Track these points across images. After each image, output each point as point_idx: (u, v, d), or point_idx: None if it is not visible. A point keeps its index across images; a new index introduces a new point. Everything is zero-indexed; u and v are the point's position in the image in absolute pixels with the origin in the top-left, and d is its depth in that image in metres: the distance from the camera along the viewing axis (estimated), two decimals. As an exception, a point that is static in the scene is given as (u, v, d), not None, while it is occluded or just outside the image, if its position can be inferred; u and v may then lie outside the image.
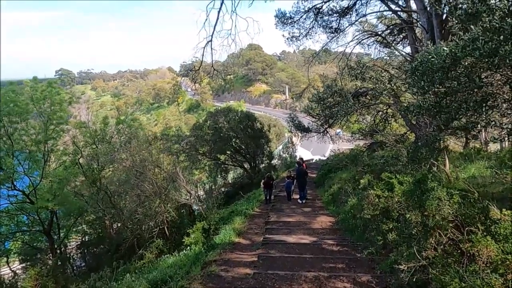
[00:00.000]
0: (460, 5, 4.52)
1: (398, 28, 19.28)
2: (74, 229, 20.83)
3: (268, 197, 15.36)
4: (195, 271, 7.62)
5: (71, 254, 20.11)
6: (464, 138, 15.23)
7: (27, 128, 18.25)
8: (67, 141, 21.96)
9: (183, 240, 11.77)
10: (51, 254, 18.08)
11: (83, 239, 21.57)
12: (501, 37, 3.61)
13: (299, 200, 15.02)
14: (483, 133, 14.83)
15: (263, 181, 15.38)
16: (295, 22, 19.02)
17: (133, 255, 14.54)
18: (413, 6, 16.04)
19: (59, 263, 16.33)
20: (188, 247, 10.88)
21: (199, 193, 16.63)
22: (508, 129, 4.02)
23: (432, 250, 4.67)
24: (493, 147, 15.81)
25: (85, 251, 20.75)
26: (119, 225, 19.11)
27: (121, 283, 9.40)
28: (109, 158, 17.81)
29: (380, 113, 20.07)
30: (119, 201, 17.51)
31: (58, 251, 18.73)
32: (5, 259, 19.35)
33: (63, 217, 20.04)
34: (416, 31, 17.20)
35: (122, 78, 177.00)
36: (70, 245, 21.73)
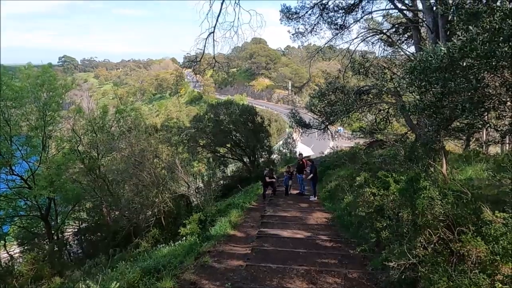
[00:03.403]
0: (463, 5, 4.50)
1: (403, 27, 19.18)
2: (72, 216, 20.96)
3: (265, 193, 15.33)
4: (189, 261, 7.69)
5: (68, 241, 20.27)
6: (465, 140, 15.18)
7: (25, 113, 18.28)
8: (67, 127, 22.01)
9: (179, 230, 11.83)
10: (48, 240, 18.23)
11: (80, 226, 21.71)
12: (501, 38, 3.59)
13: (311, 197, 14.88)
14: (484, 135, 14.80)
15: (266, 171, 15.45)
16: (300, 17, 18.93)
17: (129, 244, 14.67)
18: (419, 5, 15.93)
19: (56, 248, 16.46)
20: (184, 238, 10.94)
21: (198, 184, 16.67)
22: (503, 132, 4.02)
23: (422, 248, 4.70)
24: (494, 149, 15.77)
25: (82, 238, 20.90)
26: (116, 213, 19.24)
27: (116, 270, 9.50)
28: (108, 147, 17.84)
29: (382, 112, 20.05)
30: (117, 190, 17.59)
31: (55, 237, 18.88)
32: (3, 242, 19.51)
33: (61, 203, 20.15)
34: (422, 31, 17.09)
35: (125, 67, 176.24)
36: (67, 232, 21.88)
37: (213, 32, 10.64)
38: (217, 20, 10.37)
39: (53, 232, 18.77)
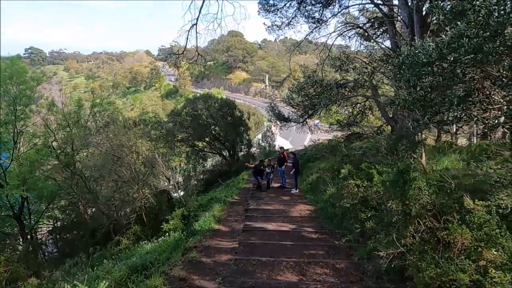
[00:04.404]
0: (443, 3, 4.68)
1: (379, 22, 19.58)
2: (46, 214, 20.18)
3: (258, 183, 15.42)
4: (176, 257, 7.61)
5: (43, 240, 19.54)
6: (436, 132, 15.75)
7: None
8: (38, 122, 21.10)
9: (162, 226, 11.68)
10: (21, 240, 17.52)
11: (55, 224, 20.95)
12: (487, 33, 3.76)
13: (292, 190, 15.01)
14: (454, 127, 15.38)
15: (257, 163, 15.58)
16: (278, 9, 18.96)
17: (109, 241, 14.32)
18: (395, 0, 16.29)
19: (31, 248, 15.85)
20: (167, 234, 10.82)
21: (178, 179, 16.47)
22: (489, 125, 4.22)
23: (411, 237, 4.88)
24: (461, 141, 16.44)
25: (57, 237, 20.19)
26: (93, 210, 18.70)
27: (98, 269, 9.27)
28: (85, 142, 17.25)
29: (358, 105, 20.49)
30: (95, 186, 17.09)
31: (29, 236, 18.16)
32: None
33: (35, 201, 19.36)
34: (397, 26, 17.50)
35: (97, 60, 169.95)
36: (41, 231, 21.08)
37: (196, 24, 10.46)
38: (200, 12, 10.21)
39: (27, 231, 18.03)
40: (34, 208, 19.53)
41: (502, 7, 3.91)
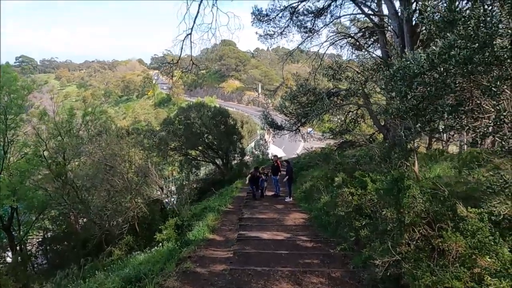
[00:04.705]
0: (432, 14, 4.81)
1: (369, 32, 19.90)
2: (36, 225, 19.79)
3: (253, 191, 15.37)
4: (170, 267, 7.51)
5: (32, 251, 19.13)
6: (427, 139, 15.92)
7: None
8: (29, 132, 20.82)
9: (155, 236, 11.55)
10: (10, 252, 17.14)
11: (45, 235, 20.55)
12: (476, 44, 3.87)
13: (286, 199, 15.00)
14: (444, 135, 15.59)
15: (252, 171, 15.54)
16: (271, 20, 19.15)
17: (101, 252, 14.10)
18: (385, 11, 16.59)
19: (20, 260, 15.52)
20: (160, 244, 10.70)
21: (171, 188, 16.35)
22: (481, 133, 4.30)
23: (406, 245, 4.91)
24: (451, 149, 16.65)
25: (47, 248, 19.80)
26: (85, 220, 18.41)
27: (89, 280, 9.10)
28: (76, 151, 17.05)
29: (350, 113, 20.70)
30: (87, 196, 16.86)
31: (18, 248, 17.78)
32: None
33: (24, 212, 18.99)
34: (387, 35, 17.79)
35: (89, 68, 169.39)
36: (30, 242, 20.64)
37: (190, 34, 10.52)
38: (194, 22, 10.27)
39: (16, 243, 17.65)
40: (23, 219, 19.12)
41: (490, 18, 4.03)
